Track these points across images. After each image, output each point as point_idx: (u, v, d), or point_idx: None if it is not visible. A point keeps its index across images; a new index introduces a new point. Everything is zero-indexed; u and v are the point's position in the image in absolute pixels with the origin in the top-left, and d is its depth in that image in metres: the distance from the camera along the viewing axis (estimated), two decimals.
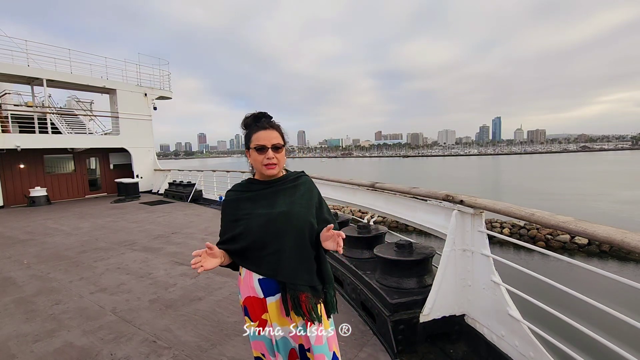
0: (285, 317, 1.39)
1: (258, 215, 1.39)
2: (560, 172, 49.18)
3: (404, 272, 2.63)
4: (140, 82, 14.57)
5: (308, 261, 1.39)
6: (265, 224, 1.37)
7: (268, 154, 1.38)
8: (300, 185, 1.49)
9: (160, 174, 14.51)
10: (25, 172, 12.54)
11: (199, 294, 3.62)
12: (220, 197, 10.59)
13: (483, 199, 2.33)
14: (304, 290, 1.36)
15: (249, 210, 1.41)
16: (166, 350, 2.58)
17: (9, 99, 13.51)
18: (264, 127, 1.41)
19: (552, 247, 12.69)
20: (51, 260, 5.12)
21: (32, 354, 2.59)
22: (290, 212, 1.38)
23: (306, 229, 1.39)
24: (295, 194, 1.45)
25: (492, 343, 2.24)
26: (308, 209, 1.43)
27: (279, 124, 1.46)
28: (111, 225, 7.77)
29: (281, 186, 1.46)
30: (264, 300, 1.39)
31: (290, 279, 1.36)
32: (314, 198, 1.49)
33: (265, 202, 1.42)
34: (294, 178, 1.50)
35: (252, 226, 1.37)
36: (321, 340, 1.38)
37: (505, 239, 2.24)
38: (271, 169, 1.40)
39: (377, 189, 3.80)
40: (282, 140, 1.43)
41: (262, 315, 1.40)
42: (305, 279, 1.38)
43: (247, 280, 1.42)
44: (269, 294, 1.39)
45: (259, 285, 1.39)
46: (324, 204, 1.54)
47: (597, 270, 1.62)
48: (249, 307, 1.43)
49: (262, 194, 1.44)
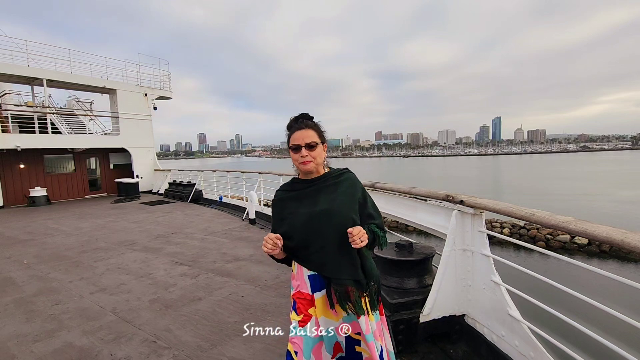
0: (330, 311, 1.44)
1: (301, 214, 1.45)
2: (560, 172, 49.17)
3: (404, 272, 2.63)
4: (140, 82, 14.58)
5: (351, 256, 1.43)
6: (307, 222, 1.43)
7: (302, 152, 1.45)
8: (342, 182, 1.52)
9: (160, 174, 14.52)
10: (25, 172, 12.54)
11: (199, 294, 3.62)
12: (220, 197, 10.59)
13: (483, 199, 2.33)
14: (348, 284, 1.41)
15: (293, 209, 1.49)
16: (166, 350, 2.58)
17: (9, 99, 13.50)
18: (300, 128, 1.48)
19: (552, 247, 12.69)
20: (51, 260, 5.13)
21: (32, 354, 2.59)
22: (331, 209, 1.43)
23: (348, 225, 1.41)
24: (336, 191, 1.49)
25: (492, 343, 2.24)
26: (350, 205, 1.47)
27: (317, 123, 1.53)
28: (111, 225, 7.77)
29: (323, 184, 1.50)
30: (312, 295, 1.45)
31: (334, 274, 1.42)
32: (356, 194, 1.52)
33: (308, 201, 1.48)
34: (336, 175, 1.54)
35: (296, 225, 1.45)
36: (369, 330, 1.42)
37: (505, 239, 2.24)
38: (306, 165, 1.46)
39: (377, 189, 3.80)
40: (317, 139, 1.48)
41: (308, 310, 1.45)
42: (350, 273, 1.43)
43: (298, 275, 1.49)
44: (317, 289, 1.45)
45: (308, 280, 1.46)
46: (368, 199, 1.56)
47: (597, 270, 1.62)
48: (297, 301, 1.48)
49: (304, 193, 1.50)
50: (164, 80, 15.52)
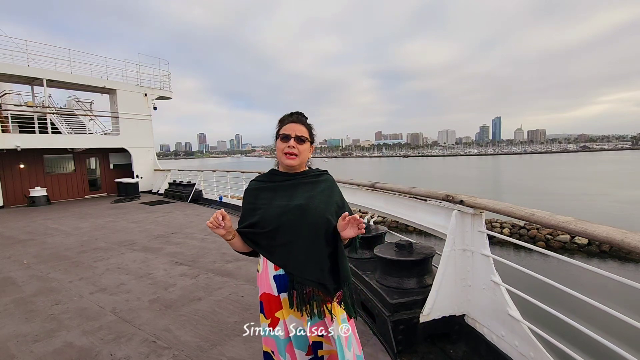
0: (297, 312, 1.39)
1: (274, 207, 1.41)
2: (560, 172, 49.16)
3: (404, 272, 2.63)
4: (140, 82, 14.57)
5: (320, 257, 1.38)
6: (280, 215, 1.38)
7: (290, 143, 1.42)
8: (321, 182, 1.50)
9: (160, 174, 14.51)
10: (25, 172, 12.54)
11: (198, 294, 3.62)
12: (220, 197, 10.59)
13: (483, 199, 2.33)
14: (311, 285, 1.36)
15: (267, 201, 1.44)
16: (166, 350, 2.58)
17: (9, 99, 13.50)
18: (293, 121, 1.47)
19: (552, 247, 12.69)
20: (51, 260, 5.12)
21: (31, 354, 2.59)
22: (307, 205, 1.39)
23: (321, 224, 1.38)
24: (315, 189, 1.46)
25: (492, 343, 2.24)
26: (326, 205, 1.43)
27: (310, 124, 1.52)
28: (111, 225, 7.77)
29: (301, 180, 1.47)
30: (278, 297, 1.41)
31: (298, 272, 1.36)
32: (334, 196, 1.49)
33: (284, 194, 1.44)
34: (315, 174, 1.52)
35: (268, 216, 1.40)
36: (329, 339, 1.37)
37: (505, 239, 2.24)
38: (290, 159, 1.43)
39: (377, 189, 3.80)
40: (307, 136, 1.46)
41: (276, 313, 1.42)
42: (314, 274, 1.37)
43: (263, 276, 1.45)
44: (282, 289, 1.40)
45: (274, 281, 1.41)
46: (346, 205, 1.53)
47: (597, 270, 1.62)
48: (264, 303, 1.45)
49: (282, 186, 1.47)
50: (164, 80, 15.52)
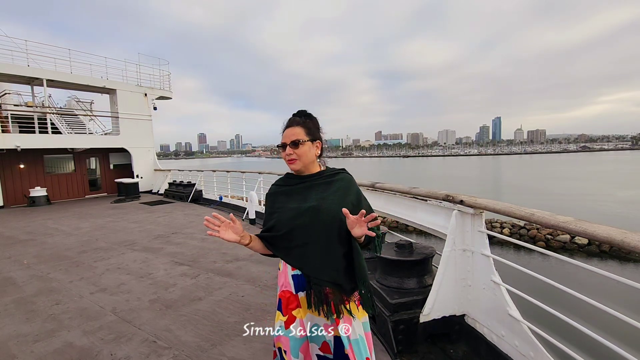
0: (315, 311, 1.40)
1: (289, 210, 1.43)
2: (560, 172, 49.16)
3: (404, 272, 2.63)
4: (140, 82, 14.58)
5: (335, 257, 1.39)
6: (294, 217, 1.40)
7: (287, 151, 1.44)
8: (336, 182, 1.48)
9: (160, 174, 14.51)
10: (25, 172, 12.54)
11: (199, 294, 3.62)
12: (220, 197, 10.59)
13: (483, 199, 2.33)
14: (327, 285, 1.37)
15: (282, 204, 1.47)
16: (166, 350, 2.58)
17: (9, 99, 13.50)
18: (289, 125, 1.48)
19: (552, 247, 12.69)
20: (51, 260, 5.13)
21: (32, 354, 2.59)
22: (319, 207, 1.39)
23: (335, 225, 1.38)
24: (328, 190, 1.45)
25: (492, 343, 2.24)
26: (340, 205, 1.39)
27: (307, 120, 1.50)
28: (111, 225, 7.77)
29: (315, 181, 1.48)
30: (296, 295, 1.42)
31: (314, 273, 1.38)
32: (350, 195, 1.46)
33: (297, 197, 1.46)
34: (330, 174, 1.51)
35: (283, 219, 1.43)
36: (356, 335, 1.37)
37: (505, 239, 2.24)
38: (291, 164, 1.46)
39: (377, 189, 3.80)
40: (304, 136, 1.45)
41: (293, 311, 1.42)
42: (330, 275, 1.38)
43: (283, 274, 1.46)
44: (301, 289, 1.42)
45: (292, 280, 1.43)
46: (363, 202, 1.49)
47: (597, 270, 1.62)
48: (282, 300, 1.45)
49: (296, 189, 1.49)
50: (164, 80, 15.54)
